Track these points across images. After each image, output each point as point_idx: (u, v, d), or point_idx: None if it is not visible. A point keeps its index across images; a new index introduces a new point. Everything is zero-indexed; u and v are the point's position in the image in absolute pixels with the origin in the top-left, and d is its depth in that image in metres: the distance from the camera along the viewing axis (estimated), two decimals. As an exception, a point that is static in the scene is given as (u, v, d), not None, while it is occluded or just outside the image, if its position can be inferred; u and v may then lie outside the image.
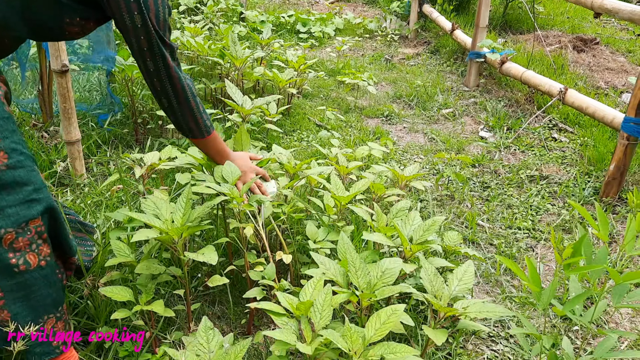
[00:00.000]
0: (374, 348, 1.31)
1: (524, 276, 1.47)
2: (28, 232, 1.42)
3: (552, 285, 1.49)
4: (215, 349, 1.34)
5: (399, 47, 6.00)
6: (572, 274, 1.41)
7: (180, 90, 1.65)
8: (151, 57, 1.57)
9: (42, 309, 1.47)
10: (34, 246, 1.43)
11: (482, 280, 2.32)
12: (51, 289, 1.49)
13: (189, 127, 1.75)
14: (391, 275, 1.54)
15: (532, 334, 1.48)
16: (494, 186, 3.08)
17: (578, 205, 1.44)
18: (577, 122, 3.79)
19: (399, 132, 3.86)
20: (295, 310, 1.38)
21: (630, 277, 1.41)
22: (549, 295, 1.48)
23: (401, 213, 1.90)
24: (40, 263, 1.45)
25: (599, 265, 1.42)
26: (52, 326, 1.49)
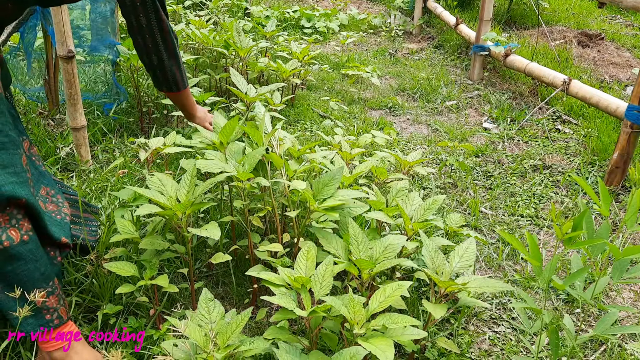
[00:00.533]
0: (376, 319, 1.32)
1: (525, 251, 1.47)
2: (7, 207, 1.41)
3: (553, 260, 1.50)
4: (217, 319, 1.36)
5: (403, 43, 6.01)
6: (573, 248, 1.42)
7: (170, 44, 1.71)
8: (144, 12, 1.60)
9: (30, 283, 1.47)
10: (14, 221, 1.42)
11: (485, 265, 2.32)
12: (38, 263, 1.48)
13: (175, 80, 1.82)
14: (393, 251, 1.55)
15: (532, 308, 1.49)
16: (497, 175, 3.08)
17: (580, 179, 1.44)
18: (581, 114, 3.79)
19: (402, 123, 3.87)
20: (294, 282, 1.39)
21: (631, 252, 1.41)
22: (550, 271, 1.49)
23: (401, 193, 1.91)
24: (23, 238, 1.44)
25: (599, 239, 1.43)
26: (43, 300, 1.50)
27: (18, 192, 1.41)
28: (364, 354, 1.19)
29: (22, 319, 1.47)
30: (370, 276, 1.51)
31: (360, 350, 1.19)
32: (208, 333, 1.30)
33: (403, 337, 1.32)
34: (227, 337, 1.31)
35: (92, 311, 1.83)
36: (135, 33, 1.66)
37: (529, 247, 1.47)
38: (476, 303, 1.61)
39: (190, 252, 1.72)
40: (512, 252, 2.39)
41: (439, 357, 1.78)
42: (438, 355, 1.79)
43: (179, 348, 1.33)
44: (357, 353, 1.19)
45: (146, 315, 1.80)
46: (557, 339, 1.49)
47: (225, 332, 1.31)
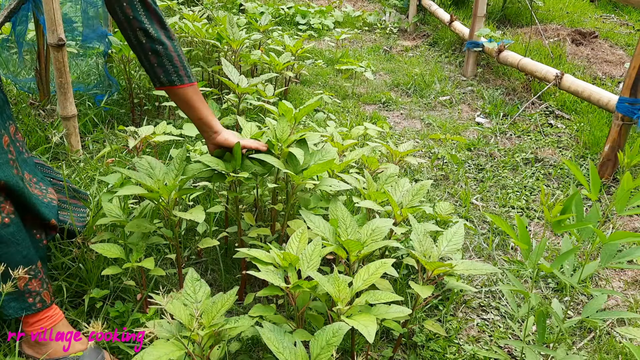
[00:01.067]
0: (360, 297, 1.31)
1: (514, 235, 1.47)
2: None
3: (541, 243, 1.50)
4: (203, 299, 1.35)
5: (397, 40, 6.01)
6: (561, 231, 1.41)
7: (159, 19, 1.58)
8: None
9: (11, 267, 1.45)
10: None
11: (475, 255, 2.32)
12: (20, 246, 1.46)
13: (184, 66, 1.62)
14: (381, 233, 1.54)
15: (520, 291, 1.49)
16: (488, 168, 3.09)
17: (569, 162, 1.44)
18: (574, 109, 3.80)
19: (395, 117, 3.87)
20: (282, 261, 1.38)
21: (618, 237, 1.41)
22: (538, 253, 1.49)
23: (391, 179, 1.90)
24: (4, 220, 1.43)
25: (588, 222, 1.43)
26: (25, 284, 1.48)
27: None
28: (346, 329, 1.18)
29: (3, 302, 1.46)
30: (358, 259, 1.50)
31: (343, 326, 1.19)
32: (193, 312, 1.29)
33: (388, 315, 1.32)
34: (212, 317, 1.30)
35: (79, 295, 1.82)
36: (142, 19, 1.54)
37: (518, 231, 1.47)
38: (464, 287, 1.60)
39: (178, 237, 1.71)
40: (502, 241, 2.39)
41: (427, 342, 1.78)
42: (426, 340, 1.79)
43: (163, 327, 1.32)
44: (340, 329, 1.19)
45: (133, 300, 1.79)
46: (544, 322, 1.48)
47: (211, 312, 1.31)
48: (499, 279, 2.15)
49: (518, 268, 2.20)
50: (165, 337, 1.28)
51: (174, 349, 1.23)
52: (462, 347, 1.78)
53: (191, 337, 1.25)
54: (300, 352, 1.20)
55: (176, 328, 1.33)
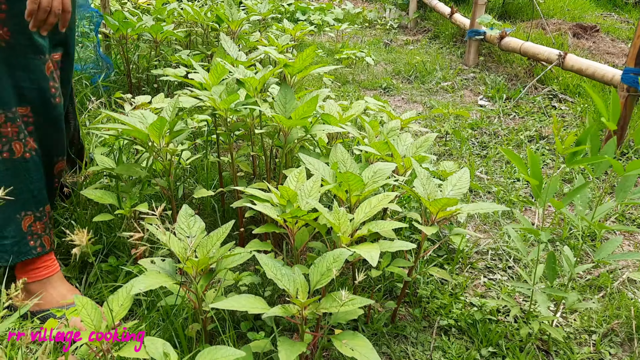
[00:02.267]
0: (363, 227, 1.25)
1: (525, 170, 1.41)
2: (17, 119, 1.38)
3: (553, 179, 1.44)
4: (197, 233, 1.29)
5: (398, 35, 6.00)
6: (575, 165, 1.35)
7: None
8: None
9: (19, 204, 1.42)
10: (22, 135, 1.40)
11: (480, 221, 2.26)
12: (32, 185, 1.44)
13: None
14: (382, 175, 1.48)
15: (529, 230, 1.42)
16: (492, 145, 3.03)
17: (588, 86, 1.39)
18: (577, 92, 3.75)
19: (397, 102, 3.82)
20: (280, 199, 1.32)
21: (635, 167, 1.35)
22: (549, 191, 1.43)
23: (393, 133, 1.85)
24: (25, 155, 1.42)
25: (603, 157, 1.37)
26: (29, 224, 1.44)
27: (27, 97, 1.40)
28: (347, 254, 1.12)
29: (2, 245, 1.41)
30: (359, 200, 1.44)
31: (344, 252, 1.13)
32: (187, 245, 1.23)
33: (392, 248, 1.25)
34: (207, 251, 1.24)
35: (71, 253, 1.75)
36: None
37: (529, 167, 1.41)
38: (469, 232, 1.54)
39: (173, 188, 1.65)
40: (507, 211, 2.33)
41: (432, 299, 1.71)
42: (430, 296, 1.72)
43: (156, 264, 1.26)
44: (341, 254, 1.12)
45: (126, 255, 1.72)
46: (554, 264, 1.42)
47: (206, 245, 1.25)
48: (506, 242, 2.08)
49: (525, 233, 2.13)
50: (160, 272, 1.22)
51: (167, 279, 1.16)
52: (468, 302, 1.71)
53: (185, 269, 1.19)
54: (299, 279, 1.14)
55: (169, 265, 1.27)
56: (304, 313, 1.10)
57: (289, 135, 1.65)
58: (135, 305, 1.55)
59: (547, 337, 1.56)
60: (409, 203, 2.11)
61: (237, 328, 1.49)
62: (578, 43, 5.39)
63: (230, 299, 1.08)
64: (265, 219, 1.81)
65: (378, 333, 1.56)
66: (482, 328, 1.59)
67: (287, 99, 1.65)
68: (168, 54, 3.32)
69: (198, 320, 1.31)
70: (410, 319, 1.65)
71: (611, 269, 1.93)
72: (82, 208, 1.78)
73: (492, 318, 1.64)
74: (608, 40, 5.70)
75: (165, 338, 1.32)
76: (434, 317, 1.66)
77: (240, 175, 2.07)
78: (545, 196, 1.41)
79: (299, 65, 1.79)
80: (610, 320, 1.65)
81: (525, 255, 1.47)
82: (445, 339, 1.57)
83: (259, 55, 2.70)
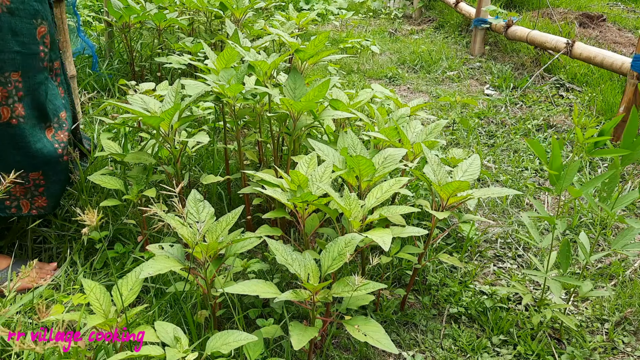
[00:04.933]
0: (374, 212, 1.23)
1: (544, 157, 1.38)
2: (9, 84, 1.39)
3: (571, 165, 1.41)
4: (206, 219, 1.27)
5: (402, 24, 5.95)
6: (597, 155, 1.33)
7: None
8: None
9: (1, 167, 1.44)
10: (11, 101, 1.41)
11: (489, 210, 2.24)
12: (17, 150, 1.44)
13: None
14: (393, 161, 1.46)
15: (545, 217, 1.40)
16: (500, 134, 3.00)
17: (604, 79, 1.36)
18: (585, 81, 3.71)
19: (402, 91, 3.79)
20: (290, 184, 1.30)
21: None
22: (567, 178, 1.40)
23: (402, 120, 1.82)
24: (11, 121, 1.42)
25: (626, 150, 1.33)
26: (7, 186, 1.43)
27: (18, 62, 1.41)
28: (359, 239, 1.10)
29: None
30: (369, 186, 1.42)
31: (356, 237, 1.11)
32: (197, 231, 1.21)
33: (403, 233, 1.23)
34: (216, 236, 1.22)
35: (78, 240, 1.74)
36: None
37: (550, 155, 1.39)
38: (479, 218, 1.52)
39: (180, 172, 1.63)
40: (516, 198, 2.31)
41: (441, 287, 1.70)
42: (440, 284, 1.70)
43: (164, 250, 1.25)
44: (353, 239, 1.10)
45: (133, 242, 1.71)
46: (567, 252, 1.40)
47: (215, 230, 1.23)
48: (515, 230, 2.06)
49: (535, 221, 2.11)
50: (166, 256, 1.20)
51: (176, 264, 1.15)
52: (478, 290, 1.69)
53: (195, 255, 1.17)
54: (311, 264, 1.12)
55: (178, 250, 1.25)
56: (315, 298, 1.08)
57: (298, 121, 1.63)
58: (143, 292, 1.53)
59: (558, 326, 1.54)
60: (417, 191, 2.09)
61: (246, 315, 1.47)
62: (584, 32, 5.33)
63: (241, 283, 1.06)
64: (272, 207, 1.79)
65: (387, 320, 1.55)
66: (492, 316, 1.57)
67: (297, 85, 1.63)
68: (171, 41, 3.29)
69: (207, 307, 1.29)
70: (420, 307, 1.63)
71: (622, 257, 1.90)
72: (88, 195, 1.77)
73: (502, 306, 1.62)
74: (615, 29, 5.65)
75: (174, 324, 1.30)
76: (443, 305, 1.64)
77: (246, 163, 2.05)
78: (562, 184, 1.38)
79: (310, 51, 1.76)
80: (623, 308, 1.63)
81: (538, 243, 1.44)
82: (456, 326, 1.55)
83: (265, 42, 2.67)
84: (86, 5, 4.77)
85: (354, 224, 1.18)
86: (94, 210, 0.89)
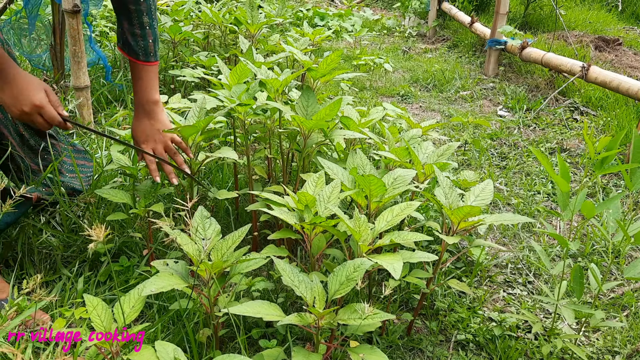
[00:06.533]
0: (384, 236, 1.21)
1: (553, 173, 1.35)
2: None
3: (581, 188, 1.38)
4: (212, 236, 1.25)
5: (416, 43, 5.95)
6: (605, 172, 1.30)
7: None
8: None
9: None
10: None
11: (500, 234, 2.20)
12: None
13: (156, 43, 1.56)
14: (403, 182, 1.44)
15: (556, 236, 1.36)
16: (512, 157, 2.97)
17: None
18: (599, 105, 3.68)
19: (414, 110, 3.77)
20: (297, 204, 1.28)
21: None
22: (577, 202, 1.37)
23: (413, 140, 1.80)
24: None
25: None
26: None
27: None
28: (368, 264, 1.08)
29: None
30: (378, 207, 1.40)
31: (366, 262, 1.08)
32: (201, 248, 1.19)
33: (412, 259, 1.21)
34: (222, 254, 1.20)
35: (83, 251, 1.73)
36: None
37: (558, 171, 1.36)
38: (489, 244, 1.49)
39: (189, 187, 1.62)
40: (528, 223, 2.27)
41: (449, 313, 1.66)
42: (448, 309, 1.67)
43: (169, 267, 1.23)
44: (362, 264, 1.08)
45: (138, 256, 1.69)
46: (581, 279, 1.36)
47: (221, 248, 1.21)
48: (526, 256, 2.03)
49: (547, 247, 2.07)
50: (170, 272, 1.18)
51: (179, 281, 1.13)
52: (487, 316, 1.66)
53: (199, 273, 1.15)
54: (318, 288, 1.09)
55: (182, 267, 1.23)
56: (320, 323, 1.06)
57: (309, 138, 1.62)
58: (146, 307, 1.51)
59: (569, 357, 1.50)
60: (427, 212, 2.06)
61: (248, 335, 1.44)
62: (600, 56, 5.31)
63: (245, 304, 1.04)
64: (280, 223, 1.77)
65: (393, 346, 1.51)
66: (501, 344, 1.53)
67: (309, 103, 1.62)
68: (186, 54, 3.31)
69: (209, 325, 1.27)
70: (427, 332, 1.60)
71: (636, 287, 1.86)
72: (95, 207, 1.76)
73: (512, 334, 1.58)
74: (631, 53, 5.61)
75: (175, 342, 1.28)
76: (451, 331, 1.61)
77: (255, 179, 2.04)
78: (573, 207, 1.35)
79: (322, 70, 1.75)
80: (635, 340, 1.59)
81: (549, 270, 1.41)
82: (463, 354, 1.51)
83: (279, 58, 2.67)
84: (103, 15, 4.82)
85: (363, 247, 1.16)
86: (102, 226, 0.88)
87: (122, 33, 1.50)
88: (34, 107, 1.32)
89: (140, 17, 1.47)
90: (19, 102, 1.31)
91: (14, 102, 1.31)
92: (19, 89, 1.31)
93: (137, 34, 1.48)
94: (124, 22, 1.48)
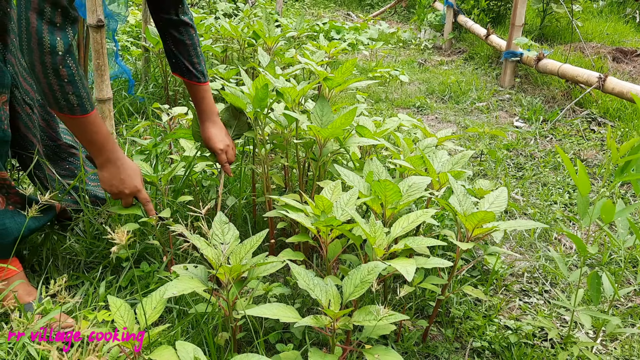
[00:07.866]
0: (399, 242, 1.23)
1: (574, 173, 1.36)
2: None
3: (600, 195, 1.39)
4: (231, 241, 1.28)
5: (432, 55, 5.98)
6: (624, 179, 1.30)
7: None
8: None
9: None
10: None
11: (515, 243, 2.20)
12: None
13: (203, 66, 1.81)
14: (418, 189, 1.46)
15: (573, 237, 1.36)
16: (528, 167, 2.97)
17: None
18: (617, 116, 3.66)
19: (430, 121, 3.79)
20: (315, 209, 1.31)
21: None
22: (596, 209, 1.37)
23: (428, 150, 1.83)
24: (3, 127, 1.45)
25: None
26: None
27: None
28: (382, 267, 1.10)
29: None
30: (394, 214, 1.42)
31: (379, 265, 1.11)
32: (220, 252, 1.23)
33: (427, 264, 1.23)
34: (240, 258, 1.23)
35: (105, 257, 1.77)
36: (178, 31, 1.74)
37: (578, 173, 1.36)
38: (504, 251, 1.50)
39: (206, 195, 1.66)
40: (544, 232, 2.27)
41: (465, 320, 1.67)
42: (464, 316, 1.68)
43: (189, 271, 1.26)
44: (376, 266, 1.10)
45: (158, 261, 1.73)
46: (598, 285, 1.37)
47: (239, 253, 1.24)
48: (543, 265, 2.02)
49: (564, 255, 2.07)
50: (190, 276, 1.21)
51: (199, 285, 1.16)
52: (502, 324, 1.66)
53: (218, 276, 1.18)
54: (332, 290, 1.12)
55: (202, 271, 1.26)
56: (335, 325, 1.08)
57: (324, 147, 1.65)
58: (166, 312, 1.55)
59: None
60: (442, 221, 2.07)
61: (265, 339, 1.47)
62: (618, 67, 5.28)
63: (263, 306, 1.07)
64: (296, 232, 1.80)
65: (408, 352, 1.53)
66: (517, 352, 1.53)
67: (324, 112, 1.65)
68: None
69: (227, 329, 1.30)
70: (442, 339, 1.61)
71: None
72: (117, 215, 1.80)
73: (528, 342, 1.58)
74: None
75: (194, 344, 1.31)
76: (466, 339, 1.61)
77: (272, 187, 2.07)
78: (592, 214, 1.36)
79: (338, 79, 1.79)
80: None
81: (566, 277, 1.42)
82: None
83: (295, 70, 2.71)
84: (125, 31, 4.93)
85: (378, 251, 1.18)
86: (124, 230, 0.92)
87: (182, 63, 1.76)
88: (136, 190, 1.50)
89: (196, 48, 1.76)
90: (122, 185, 1.47)
91: (118, 184, 1.47)
92: (127, 174, 1.48)
93: (195, 62, 1.76)
94: (182, 54, 1.74)
